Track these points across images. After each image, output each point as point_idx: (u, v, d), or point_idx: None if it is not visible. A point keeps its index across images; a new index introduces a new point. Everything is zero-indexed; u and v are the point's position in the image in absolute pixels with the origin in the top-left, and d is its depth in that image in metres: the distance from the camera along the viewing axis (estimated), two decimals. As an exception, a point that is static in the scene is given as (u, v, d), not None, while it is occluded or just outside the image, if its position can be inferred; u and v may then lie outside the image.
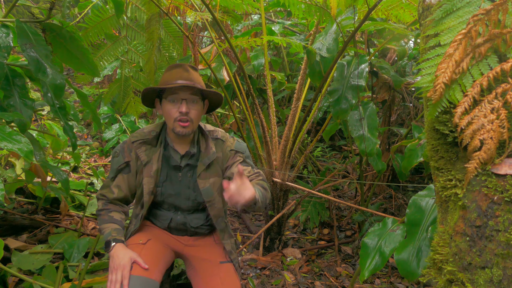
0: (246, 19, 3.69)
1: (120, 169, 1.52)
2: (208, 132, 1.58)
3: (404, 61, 3.40)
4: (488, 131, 0.76)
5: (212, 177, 1.55)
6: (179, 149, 1.54)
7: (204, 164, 1.53)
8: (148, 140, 1.52)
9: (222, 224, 1.63)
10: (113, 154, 1.55)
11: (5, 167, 2.84)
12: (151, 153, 1.52)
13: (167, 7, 2.17)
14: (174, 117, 1.43)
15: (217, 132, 1.60)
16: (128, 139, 1.54)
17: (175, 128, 1.44)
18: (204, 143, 1.56)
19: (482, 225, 0.78)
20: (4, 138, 1.16)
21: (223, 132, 1.62)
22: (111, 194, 1.53)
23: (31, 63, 1.34)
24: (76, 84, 5.43)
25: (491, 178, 0.78)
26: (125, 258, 1.35)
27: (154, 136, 1.54)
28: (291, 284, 2.26)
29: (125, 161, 1.51)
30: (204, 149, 1.54)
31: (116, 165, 1.52)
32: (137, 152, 1.51)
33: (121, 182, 1.53)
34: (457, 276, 0.80)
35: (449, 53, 0.82)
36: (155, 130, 1.55)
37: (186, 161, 1.54)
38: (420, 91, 0.90)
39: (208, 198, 1.55)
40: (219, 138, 1.58)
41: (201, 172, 1.53)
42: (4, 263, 1.79)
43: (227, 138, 1.60)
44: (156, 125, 1.58)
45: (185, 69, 1.48)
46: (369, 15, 1.85)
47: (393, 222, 1.54)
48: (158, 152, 1.52)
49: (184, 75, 1.45)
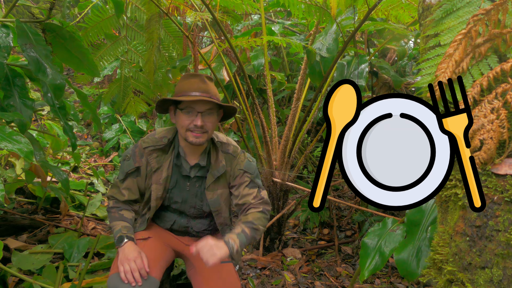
0: (246, 19, 3.68)
1: (130, 173, 1.53)
2: (219, 144, 1.57)
3: (404, 61, 3.40)
4: (488, 131, 0.76)
5: (220, 188, 1.56)
6: (190, 159, 1.53)
7: (214, 177, 1.53)
8: (160, 147, 1.52)
9: (227, 232, 1.63)
10: (124, 157, 1.54)
11: (5, 167, 2.84)
12: (161, 160, 1.52)
13: (167, 7, 2.17)
14: (188, 127, 1.42)
15: (229, 146, 1.58)
16: (139, 144, 1.53)
17: (188, 137, 1.43)
18: (214, 155, 1.55)
19: (482, 225, 0.78)
20: (4, 138, 1.16)
21: (235, 147, 1.60)
22: (122, 197, 1.54)
23: (31, 63, 1.34)
24: (76, 84, 5.42)
25: (491, 178, 0.78)
26: (135, 252, 1.41)
27: (166, 143, 1.53)
28: (291, 284, 2.26)
29: (136, 166, 1.51)
30: (214, 162, 1.54)
31: (126, 168, 1.52)
32: (148, 158, 1.51)
33: (131, 185, 1.54)
34: (457, 276, 0.80)
35: (449, 53, 0.82)
36: (166, 136, 1.54)
37: (196, 172, 1.54)
38: (420, 91, 0.90)
39: (215, 208, 1.56)
40: (230, 153, 1.57)
41: (210, 184, 1.54)
42: (4, 263, 1.79)
43: (238, 154, 1.58)
44: (168, 131, 1.57)
45: (203, 81, 1.46)
46: (369, 15, 1.85)
47: (393, 222, 1.54)
48: (169, 160, 1.52)
49: (202, 87, 1.43)
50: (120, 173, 1.56)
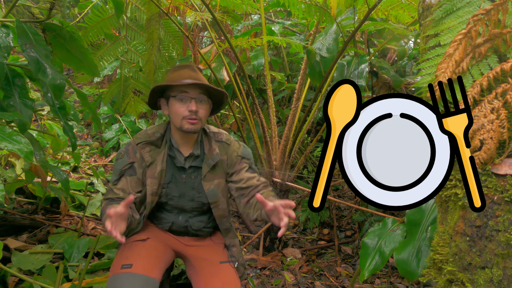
0: (246, 19, 3.68)
1: (124, 170, 1.49)
2: (212, 134, 1.58)
3: (404, 61, 3.40)
4: (488, 131, 0.76)
5: (216, 178, 1.56)
6: (183, 150, 1.53)
7: (209, 166, 1.53)
8: (152, 141, 1.52)
9: (226, 224, 1.63)
10: (117, 156, 1.53)
11: (5, 167, 2.84)
12: (155, 154, 1.51)
13: (167, 7, 2.17)
14: (183, 115, 1.42)
15: (221, 134, 1.60)
16: (132, 141, 1.53)
17: (183, 125, 1.43)
18: (207, 145, 1.56)
19: (482, 225, 0.78)
20: (4, 138, 1.16)
21: (227, 135, 1.62)
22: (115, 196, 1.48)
23: (31, 63, 1.34)
24: (76, 84, 5.43)
25: (491, 178, 0.78)
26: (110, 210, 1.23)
27: (159, 137, 1.53)
28: (291, 284, 2.26)
29: (130, 162, 1.49)
30: (208, 151, 1.54)
31: (120, 166, 1.50)
32: (142, 152, 1.50)
33: (125, 185, 1.49)
34: (457, 276, 0.80)
35: (449, 53, 0.82)
36: (158, 131, 1.54)
37: (190, 162, 1.54)
38: (420, 91, 0.90)
39: (213, 199, 1.55)
40: (223, 141, 1.58)
41: (206, 174, 1.53)
42: (4, 263, 1.79)
43: (231, 141, 1.60)
44: (159, 126, 1.57)
45: (193, 70, 1.50)
46: (369, 15, 1.85)
47: (393, 222, 1.54)
48: (163, 153, 1.52)
49: (193, 75, 1.46)
50: (113, 175, 1.52)
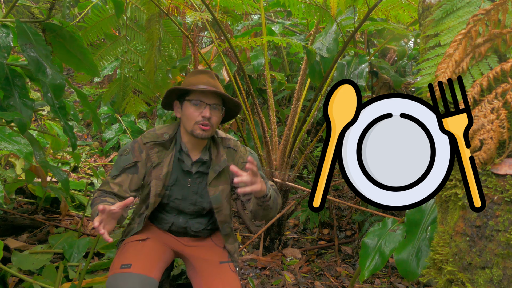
0: (246, 19, 3.68)
1: (127, 168, 1.48)
2: (220, 140, 1.58)
3: (404, 61, 3.40)
4: (488, 131, 0.76)
5: (221, 184, 1.56)
6: (192, 155, 1.53)
7: (215, 172, 1.53)
8: (161, 142, 1.50)
9: (227, 229, 1.64)
10: (121, 152, 1.51)
11: (5, 167, 2.84)
12: (162, 156, 1.50)
13: (167, 7, 2.17)
14: (196, 120, 1.42)
15: (229, 140, 1.60)
16: (139, 139, 1.51)
17: (195, 130, 1.43)
18: (215, 151, 1.55)
19: (482, 225, 0.78)
20: (4, 139, 1.16)
21: (235, 141, 1.62)
22: (110, 189, 1.46)
23: (31, 63, 1.34)
24: (76, 84, 5.43)
25: (491, 178, 0.78)
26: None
27: (168, 138, 1.51)
28: (291, 284, 2.26)
29: (134, 161, 1.48)
30: (215, 157, 1.54)
31: (123, 163, 1.48)
32: (149, 153, 1.48)
33: (124, 182, 1.47)
34: (457, 276, 0.80)
35: (449, 53, 0.82)
36: (168, 132, 1.53)
37: (197, 167, 1.54)
38: (420, 91, 0.90)
39: (217, 205, 1.56)
40: (231, 148, 1.59)
41: (212, 180, 1.53)
42: (4, 263, 1.79)
43: (239, 147, 1.61)
44: (168, 127, 1.56)
45: (212, 76, 1.50)
46: (369, 15, 1.85)
47: (393, 222, 1.54)
48: (171, 155, 1.51)
49: (211, 82, 1.47)
50: (114, 169, 1.49)
